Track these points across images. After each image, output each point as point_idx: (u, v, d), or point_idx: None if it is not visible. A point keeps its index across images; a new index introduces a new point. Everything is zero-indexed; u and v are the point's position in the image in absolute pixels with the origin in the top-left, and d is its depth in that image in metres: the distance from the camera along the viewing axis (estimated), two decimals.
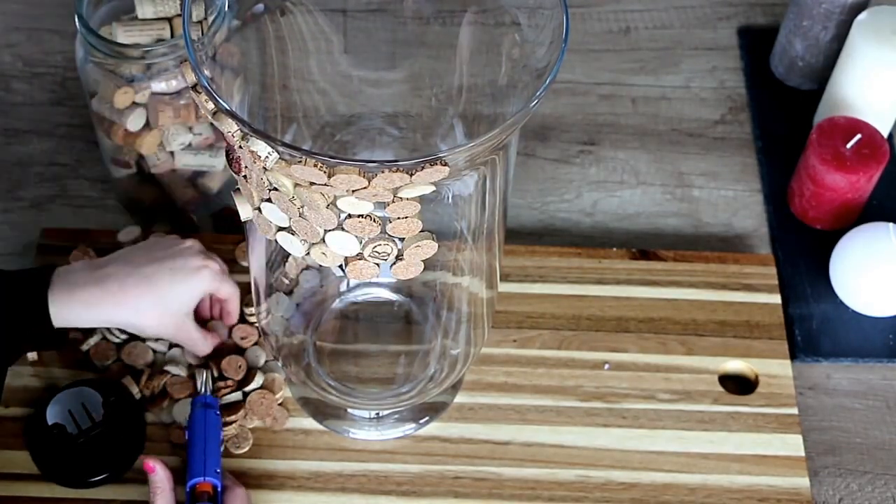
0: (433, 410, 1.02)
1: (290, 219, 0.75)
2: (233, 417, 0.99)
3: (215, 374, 1.01)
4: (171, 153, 1.08)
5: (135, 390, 1.00)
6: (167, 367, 1.02)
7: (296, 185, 0.73)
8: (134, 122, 1.05)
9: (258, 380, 1.01)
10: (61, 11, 1.28)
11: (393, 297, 1.04)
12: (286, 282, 0.98)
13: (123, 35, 1.02)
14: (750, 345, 1.07)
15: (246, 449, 0.99)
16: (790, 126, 1.23)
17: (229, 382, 1.01)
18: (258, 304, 0.96)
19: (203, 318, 1.04)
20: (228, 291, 1.02)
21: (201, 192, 1.12)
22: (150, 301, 0.96)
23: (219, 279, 0.99)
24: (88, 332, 1.03)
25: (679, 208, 1.18)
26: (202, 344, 1.01)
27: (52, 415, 0.98)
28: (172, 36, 1.03)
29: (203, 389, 0.99)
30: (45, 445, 0.97)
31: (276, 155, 0.71)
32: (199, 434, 0.94)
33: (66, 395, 0.99)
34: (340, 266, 0.78)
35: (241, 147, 0.72)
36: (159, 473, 0.90)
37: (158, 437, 0.99)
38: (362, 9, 0.96)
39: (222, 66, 0.83)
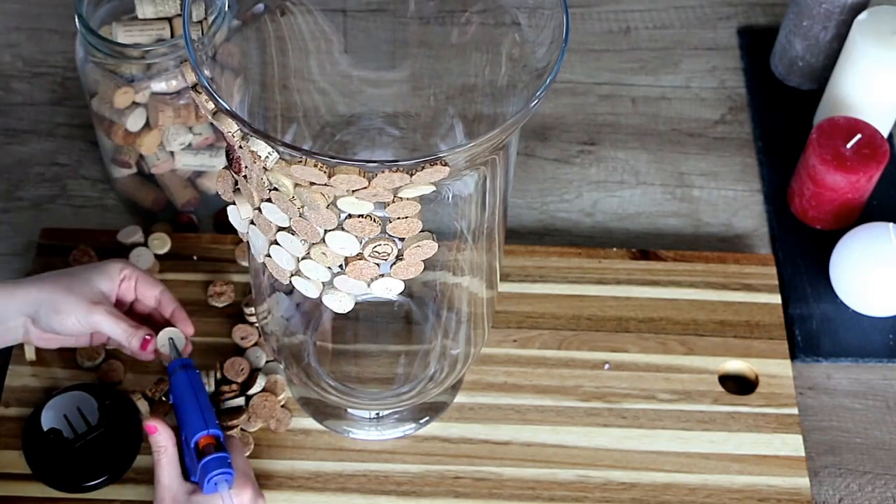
0: (433, 410, 1.02)
1: (290, 219, 0.75)
2: (234, 422, 0.99)
3: (218, 376, 1.01)
4: (171, 153, 1.08)
5: (138, 398, 1.00)
6: None
7: (296, 185, 0.73)
8: (134, 122, 1.05)
9: (260, 382, 1.01)
10: (61, 11, 1.28)
11: (393, 297, 1.03)
12: (286, 282, 0.98)
13: (123, 35, 1.02)
14: (750, 345, 1.07)
15: (246, 454, 0.98)
16: (790, 126, 1.23)
17: (233, 386, 1.00)
18: (258, 304, 0.95)
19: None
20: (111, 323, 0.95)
21: (201, 192, 1.12)
22: (61, 284, 0.94)
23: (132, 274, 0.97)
24: None
25: (679, 208, 1.18)
26: (123, 334, 0.95)
27: (48, 419, 0.97)
28: (172, 36, 1.03)
29: (174, 355, 0.96)
30: (41, 450, 0.97)
31: (276, 155, 0.71)
32: (188, 394, 0.93)
33: (61, 399, 0.98)
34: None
35: (241, 147, 0.72)
36: (161, 433, 0.89)
37: None
38: (362, 9, 0.96)
39: (222, 66, 0.83)
